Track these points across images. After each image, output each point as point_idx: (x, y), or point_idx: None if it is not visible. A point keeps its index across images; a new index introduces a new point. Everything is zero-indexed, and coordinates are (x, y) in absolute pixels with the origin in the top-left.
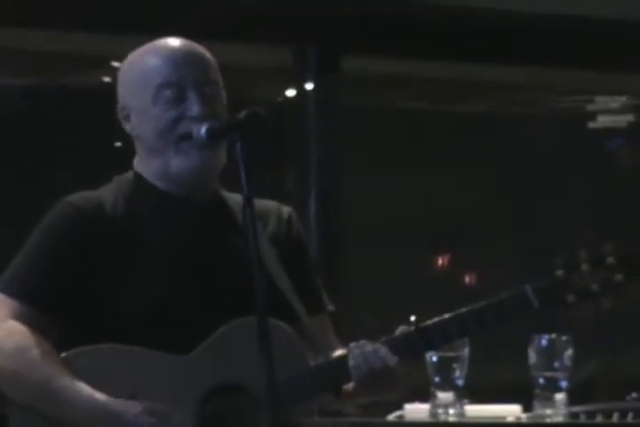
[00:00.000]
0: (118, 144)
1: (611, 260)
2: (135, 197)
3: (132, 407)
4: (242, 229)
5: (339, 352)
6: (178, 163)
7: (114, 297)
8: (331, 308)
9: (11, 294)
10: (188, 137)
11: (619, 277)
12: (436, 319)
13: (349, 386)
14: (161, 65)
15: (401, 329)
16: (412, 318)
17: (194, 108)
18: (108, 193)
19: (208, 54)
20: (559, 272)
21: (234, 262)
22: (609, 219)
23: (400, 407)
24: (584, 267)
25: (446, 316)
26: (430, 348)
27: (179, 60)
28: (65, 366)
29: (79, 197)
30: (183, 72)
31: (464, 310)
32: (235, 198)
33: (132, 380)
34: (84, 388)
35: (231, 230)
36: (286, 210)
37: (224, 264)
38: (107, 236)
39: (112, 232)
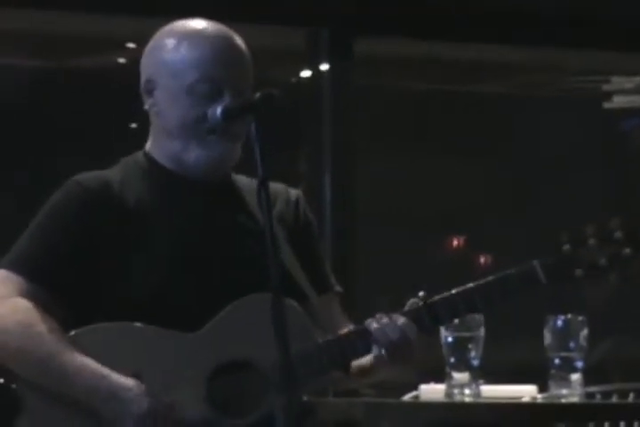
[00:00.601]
0: (134, 125)
1: (618, 234)
2: (143, 177)
3: (134, 387)
4: (251, 210)
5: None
6: (197, 154)
7: (120, 277)
8: (338, 288)
9: (17, 271)
10: (203, 119)
11: (626, 251)
12: (443, 294)
13: (364, 363)
14: (205, 57)
15: (410, 303)
16: (421, 294)
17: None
18: (116, 173)
19: (245, 46)
20: (566, 247)
21: (243, 243)
22: (624, 199)
23: (415, 388)
24: (591, 241)
25: (453, 291)
26: (438, 323)
27: (223, 56)
28: (70, 342)
29: (87, 177)
30: (225, 70)
31: (471, 285)
32: (244, 181)
33: (138, 357)
34: (89, 363)
35: (240, 212)
36: (294, 192)
37: (233, 244)
38: (114, 216)
39: (119, 212)
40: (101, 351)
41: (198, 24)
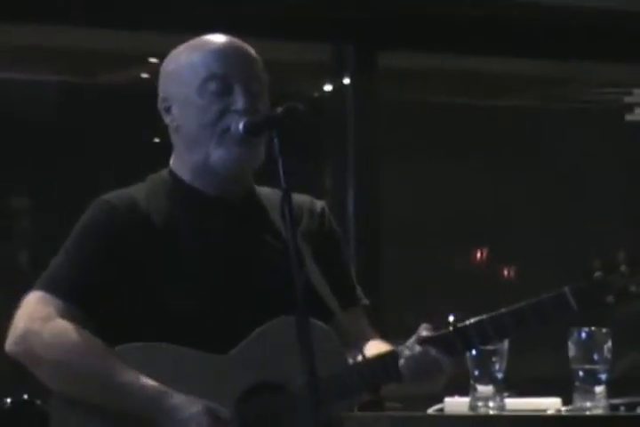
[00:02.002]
0: (157, 140)
1: None
2: (169, 195)
3: (193, 405)
4: (275, 225)
5: (374, 346)
6: (218, 155)
7: (151, 296)
8: (365, 301)
9: (53, 292)
10: (226, 131)
11: None
12: (473, 320)
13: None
14: (208, 58)
15: (425, 326)
16: (451, 318)
17: (239, 101)
18: (141, 191)
19: (255, 53)
20: (598, 274)
21: (269, 260)
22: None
23: (440, 401)
24: (622, 268)
25: (484, 316)
26: (469, 349)
27: (227, 54)
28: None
29: (115, 196)
30: (230, 66)
31: (503, 310)
32: (267, 193)
33: (171, 377)
34: (148, 380)
35: (264, 227)
36: (319, 204)
37: (259, 262)
38: (143, 234)
39: (148, 231)
40: (139, 370)
41: (210, 37)
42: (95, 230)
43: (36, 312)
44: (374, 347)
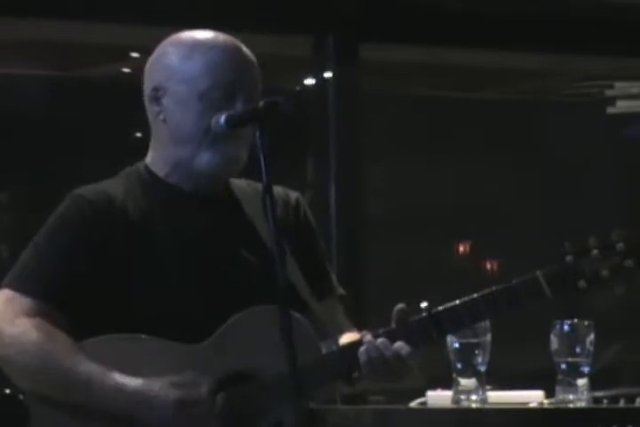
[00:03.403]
0: (139, 135)
1: (621, 246)
2: (143, 190)
3: (156, 382)
4: (250, 218)
5: (348, 338)
6: (209, 158)
7: (124, 292)
8: (341, 291)
9: (23, 291)
10: (207, 127)
11: (629, 262)
12: (447, 305)
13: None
14: (216, 63)
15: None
16: (424, 305)
17: (239, 109)
18: (118, 186)
19: (253, 56)
20: (569, 258)
21: (244, 255)
22: (630, 204)
23: (422, 394)
24: (594, 253)
25: (457, 302)
26: (443, 334)
27: (234, 62)
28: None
29: (89, 190)
30: (237, 75)
31: (475, 295)
32: (242, 186)
33: (144, 368)
34: (110, 371)
35: (239, 221)
36: (293, 195)
37: (235, 257)
38: (118, 229)
39: (122, 226)
40: (108, 362)
41: (206, 33)
42: (67, 225)
43: (2, 311)
44: (350, 338)
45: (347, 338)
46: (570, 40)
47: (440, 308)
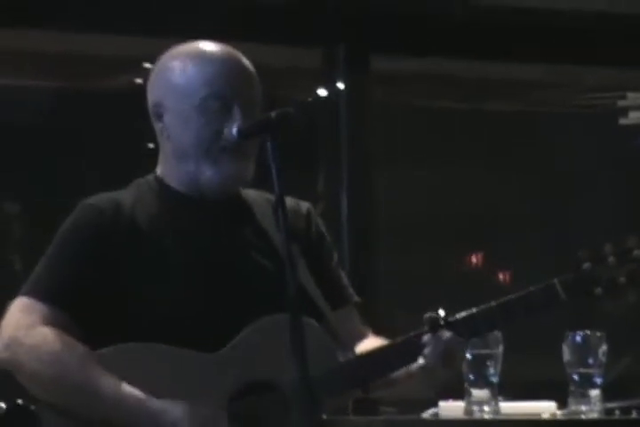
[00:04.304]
0: (151, 146)
1: (637, 252)
2: (155, 199)
3: (176, 408)
4: (263, 227)
5: (369, 344)
6: (212, 173)
7: (136, 300)
8: (356, 298)
9: (38, 297)
10: (219, 137)
11: None
12: (464, 313)
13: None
14: (210, 74)
15: (427, 318)
16: (441, 312)
17: (237, 121)
18: (128, 195)
19: (251, 66)
20: (586, 265)
21: (255, 262)
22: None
23: (435, 405)
24: (610, 259)
25: (474, 310)
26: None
27: (228, 73)
28: (102, 367)
29: (100, 199)
30: (232, 85)
31: (492, 303)
32: (253, 195)
33: (161, 377)
34: (126, 388)
35: (251, 229)
36: (304, 206)
37: (246, 264)
38: (129, 238)
39: (133, 234)
40: (126, 371)
41: (202, 45)
42: (80, 234)
43: (20, 320)
44: (373, 343)
45: (367, 344)
46: (581, 50)
47: (457, 316)
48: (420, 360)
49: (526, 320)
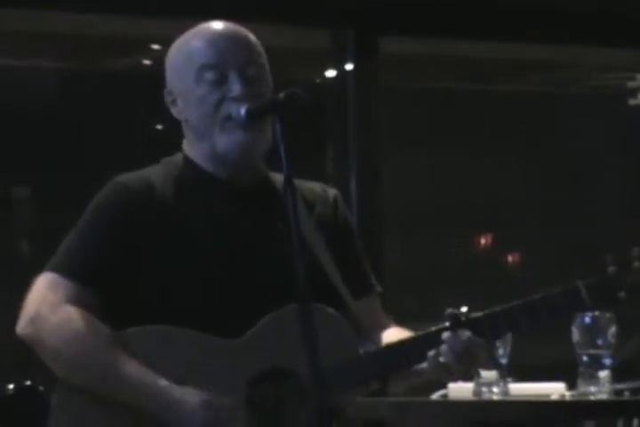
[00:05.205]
0: (159, 127)
1: None
2: (183, 179)
3: (193, 398)
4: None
5: (392, 334)
6: (224, 142)
7: (160, 280)
8: (379, 289)
9: (64, 274)
10: (228, 118)
11: None
12: (486, 312)
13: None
14: (203, 47)
15: (448, 314)
16: (463, 309)
17: (234, 88)
18: (157, 174)
19: (253, 37)
20: (611, 269)
21: (278, 247)
22: None
23: (443, 386)
24: (636, 264)
25: (497, 309)
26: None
27: (220, 42)
28: (123, 348)
29: (129, 177)
30: (224, 54)
31: (514, 303)
32: (281, 180)
33: (182, 361)
34: (148, 373)
35: (276, 214)
36: (332, 192)
37: (269, 249)
38: (157, 217)
39: (161, 214)
40: (148, 354)
41: (205, 24)
42: (109, 212)
43: (46, 296)
44: (396, 333)
45: (389, 335)
46: (591, 31)
47: (479, 314)
48: (439, 358)
49: (548, 324)
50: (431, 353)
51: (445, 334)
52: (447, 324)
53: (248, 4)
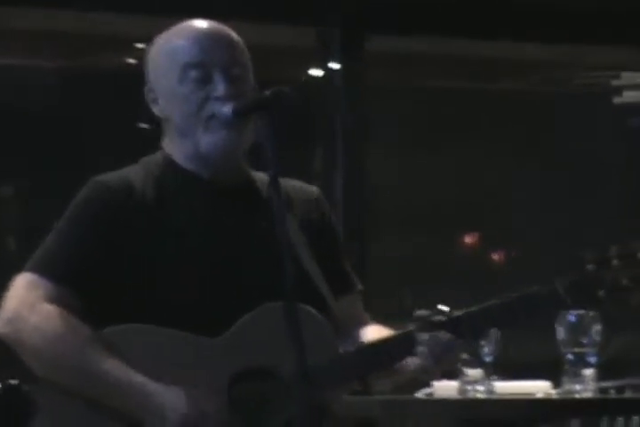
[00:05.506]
0: (144, 126)
1: None
2: (164, 179)
3: (173, 392)
4: (270, 210)
5: (376, 332)
6: (207, 141)
7: (142, 280)
8: (360, 287)
9: (43, 274)
10: (215, 117)
11: None
12: (465, 311)
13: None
14: (187, 46)
15: (419, 313)
16: (442, 308)
17: (219, 88)
18: (137, 174)
19: (236, 36)
20: (590, 267)
21: (261, 246)
22: (635, 195)
23: (428, 385)
24: (614, 262)
25: (476, 308)
26: (459, 339)
27: (204, 41)
28: (105, 347)
29: (109, 177)
30: (208, 52)
31: (493, 302)
32: (263, 179)
33: (163, 360)
34: (129, 371)
35: (259, 213)
36: (313, 190)
37: (253, 248)
38: (137, 216)
39: (142, 213)
40: (129, 352)
41: (187, 22)
42: (89, 211)
43: (25, 296)
44: (374, 331)
45: (367, 333)
46: (576, 30)
47: (458, 313)
48: (416, 359)
49: (527, 322)
50: (409, 354)
51: (423, 336)
52: (425, 324)
53: (234, 3)
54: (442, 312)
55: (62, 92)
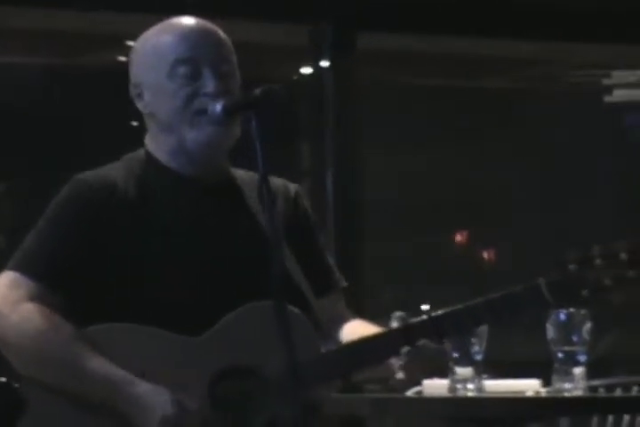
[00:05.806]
0: (134, 123)
1: (623, 255)
2: (146, 177)
3: (159, 394)
4: (251, 208)
5: (351, 328)
6: (193, 137)
7: (124, 278)
8: (343, 283)
9: (25, 273)
10: (203, 113)
11: (632, 272)
12: (448, 309)
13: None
14: (176, 42)
15: (397, 315)
16: (425, 307)
17: (209, 84)
18: (119, 172)
19: (223, 34)
20: (572, 267)
21: (246, 245)
22: (624, 194)
23: (418, 383)
24: (597, 262)
25: (459, 306)
26: (443, 337)
27: (194, 38)
28: (89, 345)
29: (91, 175)
30: (198, 49)
31: (477, 301)
32: (243, 176)
33: (145, 359)
34: (113, 368)
35: (240, 210)
36: (293, 187)
37: (236, 247)
38: (120, 214)
39: (125, 211)
40: (112, 351)
41: (174, 19)
42: (70, 210)
43: (6, 295)
44: (357, 327)
45: (350, 329)
46: (567, 28)
47: (441, 312)
48: (399, 374)
49: (512, 320)
50: (394, 354)
51: (405, 349)
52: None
53: (223, 0)
54: (423, 312)
55: (61, 91)
